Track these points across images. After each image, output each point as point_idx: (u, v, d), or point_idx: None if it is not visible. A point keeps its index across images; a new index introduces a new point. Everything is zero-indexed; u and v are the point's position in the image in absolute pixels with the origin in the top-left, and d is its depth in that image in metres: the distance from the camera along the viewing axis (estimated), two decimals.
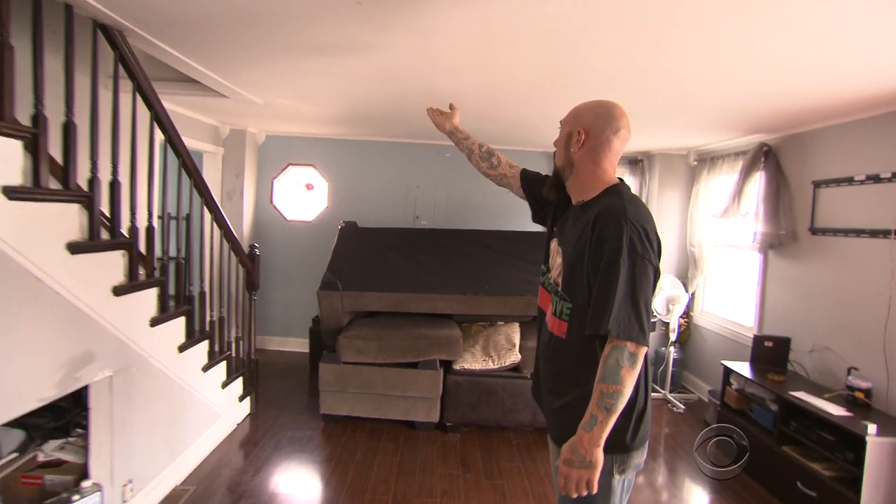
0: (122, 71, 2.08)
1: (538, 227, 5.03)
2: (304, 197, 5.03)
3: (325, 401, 3.34)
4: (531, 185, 1.64)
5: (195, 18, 1.95)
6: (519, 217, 5.00)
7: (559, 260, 1.36)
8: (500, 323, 3.86)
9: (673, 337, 4.26)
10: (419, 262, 3.68)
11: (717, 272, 4.36)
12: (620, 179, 1.35)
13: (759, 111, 3.07)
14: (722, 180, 4.06)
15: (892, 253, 2.69)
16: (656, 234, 1.24)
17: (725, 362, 3.38)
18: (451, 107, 1.88)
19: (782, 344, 3.28)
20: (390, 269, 3.62)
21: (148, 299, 2.26)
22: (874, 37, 1.90)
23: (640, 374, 1.20)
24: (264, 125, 4.49)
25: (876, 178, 2.80)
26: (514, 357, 3.30)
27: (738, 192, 3.65)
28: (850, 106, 2.79)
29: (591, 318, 1.19)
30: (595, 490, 1.19)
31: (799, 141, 3.36)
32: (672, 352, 4.27)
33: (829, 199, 3.12)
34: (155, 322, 2.27)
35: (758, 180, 3.56)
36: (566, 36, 2.04)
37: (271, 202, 4.94)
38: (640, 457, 1.32)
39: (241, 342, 3.41)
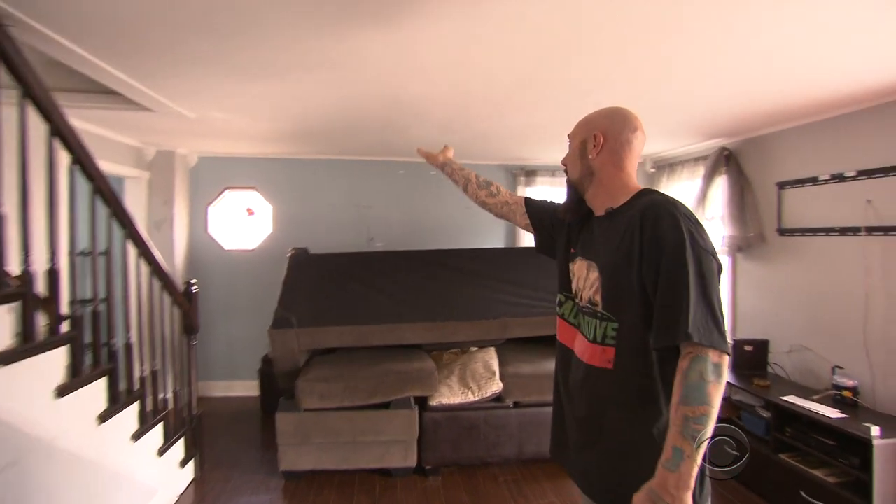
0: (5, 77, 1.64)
1: (499, 243, 4.59)
2: (244, 223, 4.55)
3: (286, 455, 2.89)
4: (537, 213, 1.52)
5: (111, 15, 1.57)
6: (479, 234, 4.79)
7: (594, 275, 1.19)
8: (473, 349, 3.58)
9: None
10: (380, 288, 3.35)
11: None
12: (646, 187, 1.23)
13: (718, 116, 3.06)
14: (683, 186, 4.05)
15: (865, 250, 2.70)
16: (706, 231, 1.09)
17: None
18: (445, 148, 1.78)
19: (761, 347, 3.24)
20: (349, 299, 3.25)
21: (52, 362, 1.78)
22: (835, 41, 1.90)
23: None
24: (196, 145, 4.01)
25: (840, 177, 2.82)
26: (496, 386, 3.03)
27: (703, 197, 3.63)
28: (810, 108, 2.81)
29: (659, 327, 1.02)
30: None
31: (759, 144, 3.38)
32: None
33: (794, 199, 3.13)
34: (63, 391, 1.79)
35: (721, 184, 3.56)
36: (549, 39, 1.86)
37: (207, 231, 4.42)
38: None
39: (179, 396, 2.90)
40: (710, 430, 0.95)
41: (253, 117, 3.02)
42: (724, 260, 3.67)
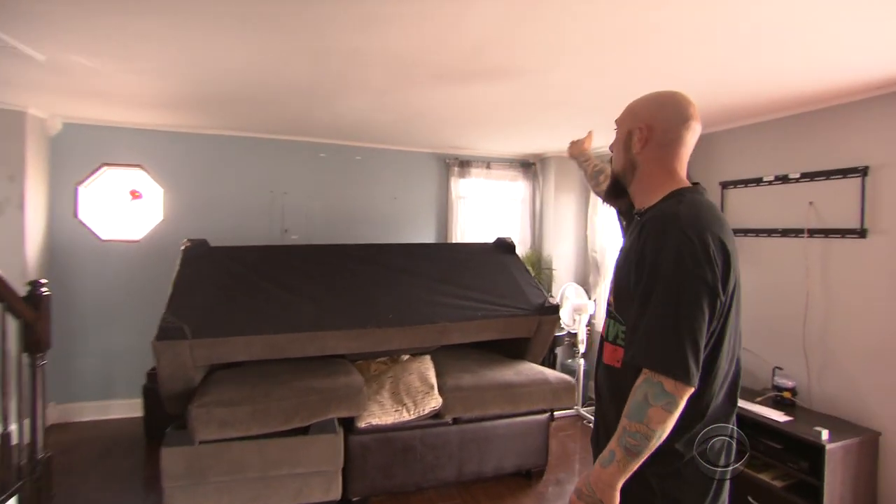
0: None
1: (430, 239, 4.15)
2: (127, 208, 3.75)
3: (175, 501, 2.31)
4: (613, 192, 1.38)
5: None
6: (409, 228, 4.39)
7: (613, 277, 1.21)
8: (404, 358, 3.18)
9: (582, 348, 4.04)
10: (298, 289, 2.83)
11: None
12: (696, 183, 1.15)
13: None
14: None
15: (806, 251, 2.69)
16: (722, 246, 1.01)
17: None
18: (589, 134, 1.85)
19: None
20: (259, 302, 2.70)
21: None
22: (783, 44, 1.88)
23: (691, 440, 1.03)
24: (59, 106, 3.18)
25: (784, 179, 2.80)
26: (435, 402, 2.66)
27: None
28: (756, 108, 2.76)
29: (628, 344, 1.05)
30: None
31: (703, 142, 3.29)
32: (582, 364, 4.04)
33: (738, 199, 3.09)
34: None
35: None
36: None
37: (76, 216, 3.58)
38: None
39: (12, 435, 2.19)
40: (645, 448, 0.97)
41: (136, 70, 2.36)
42: None
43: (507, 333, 3.05)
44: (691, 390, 0.96)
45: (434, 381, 2.76)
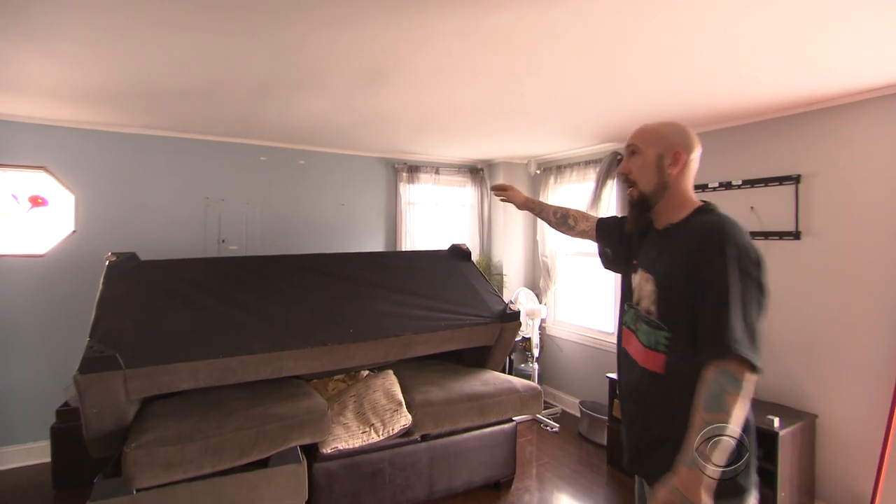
0: None
1: (378, 247, 4.03)
2: (26, 219, 3.21)
3: None
4: (610, 232, 1.58)
5: None
6: (356, 237, 4.20)
7: (650, 287, 1.26)
8: (365, 373, 3.00)
9: (536, 352, 4.07)
10: (246, 306, 2.56)
11: (569, 281, 4.36)
12: (705, 202, 1.29)
13: (611, 121, 3.07)
14: (572, 188, 4.05)
15: None
16: (757, 252, 1.15)
17: (611, 375, 3.26)
18: (510, 189, 1.93)
19: None
20: (204, 322, 2.40)
21: None
22: (723, 57, 1.99)
23: (752, 422, 1.16)
24: None
25: (728, 185, 2.99)
26: (405, 419, 2.51)
27: (596, 200, 3.63)
28: (704, 118, 2.93)
29: (702, 342, 1.11)
30: None
31: None
32: (536, 369, 4.07)
33: None
34: None
35: (612, 188, 3.59)
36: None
37: None
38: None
39: None
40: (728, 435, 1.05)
41: (46, 52, 2.00)
42: None
43: (470, 343, 2.98)
44: (755, 378, 1.07)
45: (401, 397, 2.62)
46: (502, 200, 1.96)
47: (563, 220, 1.76)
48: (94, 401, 2.05)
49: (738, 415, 1.05)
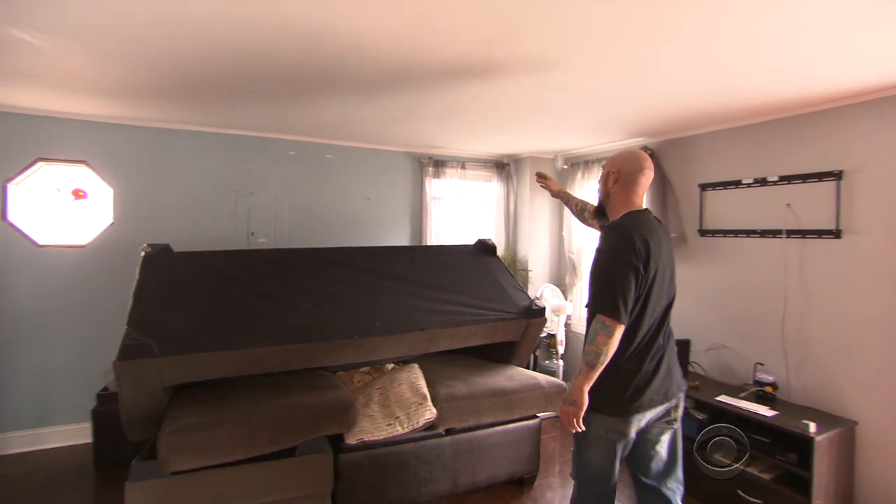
0: None
1: (404, 241, 4.13)
2: (69, 210, 3.35)
3: None
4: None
5: None
6: (383, 230, 4.23)
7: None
8: (390, 366, 3.03)
9: (561, 349, 4.03)
10: (276, 298, 2.61)
11: None
12: (642, 210, 1.77)
13: (642, 116, 3.01)
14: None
15: (785, 251, 2.78)
16: (645, 242, 1.62)
17: None
18: (547, 178, 2.51)
19: (683, 347, 3.24)
20: (235, 313, 2.45)
21: None
22: (760, 47, 1.91)
23: (634, 360, 1.67)
24: None
25: (763, 182, 2.89)
26: (430, 413, 2.53)
27: None
28: (738, 113, 2.84)
29: (588, 297, 1.71)
30: (581, 427, 1.64)
31: (682, 145, 3.39)
32: (561, 365, 4.03)
33: (716, 201, 3.17)
34: None
35: None
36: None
37: (5, 218, 3.14)
38: (630, 427, 1.68)
39: None
40: (599, 361, 1.59)
41: (88, 50, 2.07)
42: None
43: (495, 338, 2.97)
44: (622, 326, 1.59)
45: (426, 391, 2.63)
46: (542, 186, 2.50)
47: (581, 212, 2.26)
48: (131, 386, 2.13)
49: (604, 346, 1.58)
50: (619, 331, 1.57)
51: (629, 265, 1.58)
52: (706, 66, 2.11)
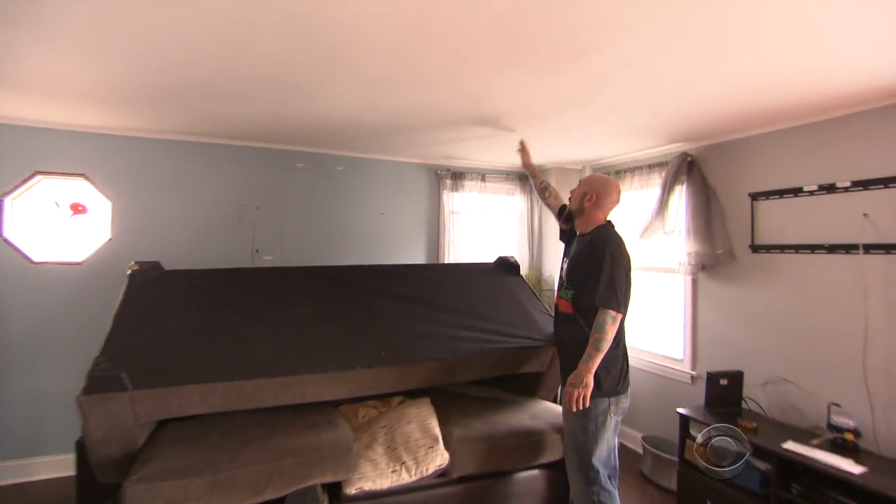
0: None
1: (420, 258, 4.16)
2: (67, 226, 3.19)
3: None
4: (562, 220, 2.44)
5: None
6: (398, 247, 3.95)
7: (566, 266, 2.23)
8: (401, 400, 2.70)
9: None
10: (270, 322, 2.33)
11: (632, 299, 3.88)
12: (609, 221, 2.17)
13: (681, 119, 2.67)
14: (633, 196, 3.61)
15: (864, 270, 2.36)
16: (626, 252, 2.06)
17: (682, 410, 2.78)
18: (524, 147, 2.90)
19: (735, 380, 2.81)
20: (223, 339, 2.19)
21: None
22: (830, 34, 1.63)
23: (622, 345, 2.06)
24: None
25: (831, 188, 2.48)
26: (441, 459, 2.18)
27: (662, 209, 3.19)
28: (793, 111, 2.46)
29: (589, 295, 1.98)
30: (588, 404, 1.93)
31: (728, 150, 3.01)
32: None
33: (771, 212, 2.77)
34: None
35: (680, 194, 3.14)
36: None
37: (0, 234, 2.99)
38: (625, 401, 2.06)
39: None
40: (604, 347, 1.92)
41: (71, 50, 1.88)
42: (685, 280, 3.27)
43: (518, 368, 2.62)
44: (621, 316, 1.95)
45: (437, 431, 2.29)
46: (518, 151, 2.90)
47: (542, 190, 2.64)
48: (100, 423, 1.87)
49: (610, 334, 1.91)
50: (619, 320, 1.94)
51: (623, 267, 1.98)
52: (763, 53, 1.76)
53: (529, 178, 2.79)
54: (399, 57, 1.91)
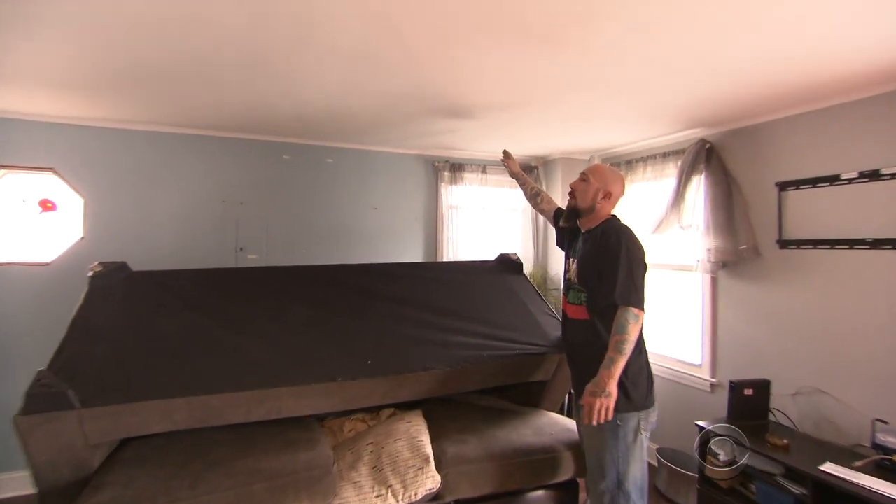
0: None
1: (417, 256, 3.83)
2: (35, 223, 2.98)
3: None
4: (558, 222, 2.24)
5: None
6: (392, 245, 3.70)
7: (574, 268, 2.00)
8: (391, 412, 2.47)
9: None
10: (243, 327, 2.10)
11: (646, 299, 3.62)
12: (614, 214, 1.99)
13: (698, 101, 2.42)
14: (645, 187, 3.35)
15: None
16: (640, 244, 1.85)
17: (701, 423, 2.53)
18: (510, 157, 2.70)
19: (762, 389, 2.55)
20: (190, 348, 1.97)
21: None
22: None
23: (644, 352, 1.88)
24: None
25: (874, 175, 2.20)
26: (431, 482, 1.94)
27: (678, 200, 2.92)
28: (827, 89, 2.19)
29: (606, 293, 1.78)
30: (612, 416, 1.70)
31: (751, 135, 2.73)
32: None
33: (802, 203, 2.49)
34: None
35: (698, 185, 2.87)
36: None
37: None
38: (654, 415, 1.86)
39: None
40: (628, 349, 1.70)
41: (41, 39, 1.65)
42: (703, 278, 3.01)
43: (520, 377, 2.38)
44: (643, 314, 1.76)
45: (428, 450, 2.05)
46: (503, 162, 2.69)
47: (533, 196, 2.49)
48: (43, 447, 1.65)
49: (633, 334, 1.71)
50: (642, 319, 1.74)
51: (642, 262, 1.82)
52: (800, 19, 1.49)
53: (519, 186, 2.60)
54: (374, 29, 1.67)
